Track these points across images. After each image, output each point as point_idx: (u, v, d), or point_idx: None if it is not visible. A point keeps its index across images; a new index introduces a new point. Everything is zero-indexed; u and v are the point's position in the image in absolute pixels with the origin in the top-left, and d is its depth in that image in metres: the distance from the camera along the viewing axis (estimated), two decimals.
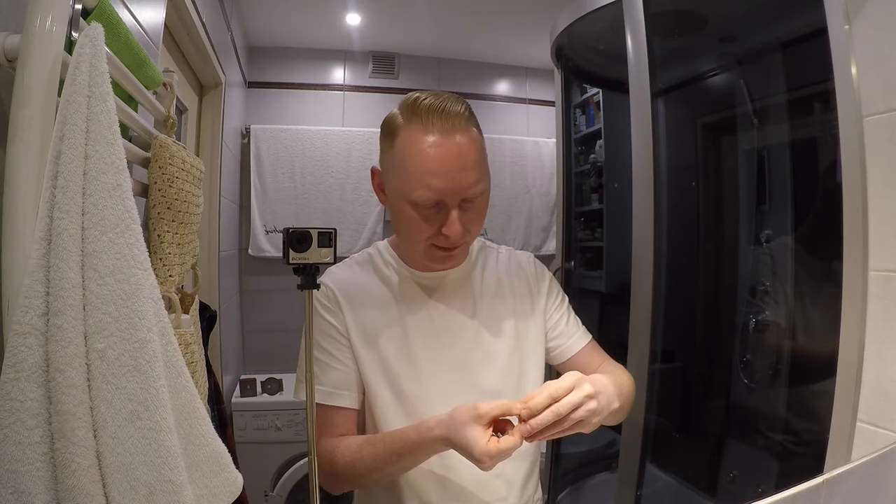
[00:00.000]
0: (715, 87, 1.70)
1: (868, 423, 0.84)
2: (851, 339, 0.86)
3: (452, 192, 0.74)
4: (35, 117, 0.48)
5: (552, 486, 1.97)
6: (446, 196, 0.74)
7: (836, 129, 0.87)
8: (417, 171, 0.74)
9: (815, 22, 0.94)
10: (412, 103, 0.76)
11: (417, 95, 0.77)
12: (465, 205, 0.77)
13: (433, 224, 0.77)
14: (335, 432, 0.82)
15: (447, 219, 0.75)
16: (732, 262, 1.63)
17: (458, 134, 0.74)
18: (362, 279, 0.87)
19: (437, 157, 0.73)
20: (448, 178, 0.73)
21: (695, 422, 1.76)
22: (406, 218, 0.77)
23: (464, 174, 0.74)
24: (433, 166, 0.73)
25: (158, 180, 0.74)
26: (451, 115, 0.74)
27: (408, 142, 0.75)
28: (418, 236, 0.78)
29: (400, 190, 0.76)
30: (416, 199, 0.74)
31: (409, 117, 0.75)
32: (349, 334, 0.83)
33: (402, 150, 0.75)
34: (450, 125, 0.74)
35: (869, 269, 0.85)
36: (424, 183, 0.73)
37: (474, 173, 0.76)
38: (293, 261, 0.66)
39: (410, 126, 0.75)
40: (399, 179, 0.76)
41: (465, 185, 0.75)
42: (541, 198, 2.63)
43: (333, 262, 0.69)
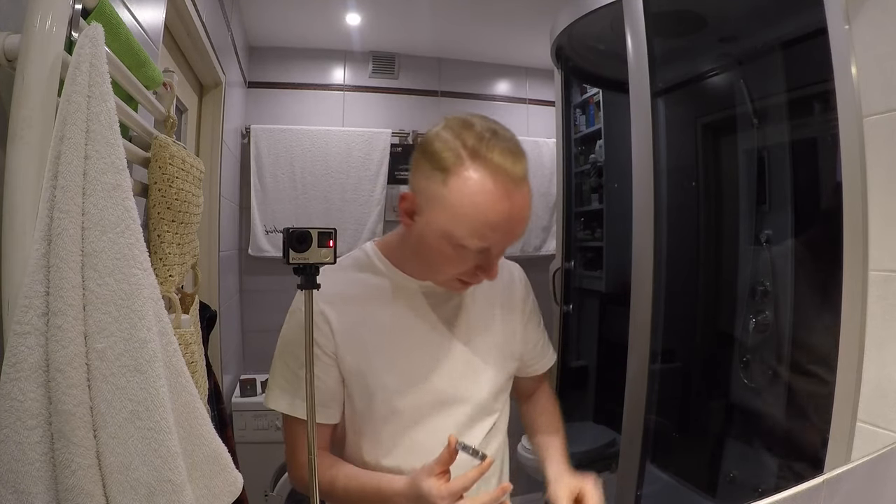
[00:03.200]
0: (715, 87, 1.70)
1: (868, 423, 0.84)
2: (851, 339, 0.86)
3: (504, 244, 0.74)
4: (35, 117, 0.48)
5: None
6: (497, 246, 0.73)
7: (836, 129, 0.87)
8: (477, 221, 0.69)
9: (815, 22, 0.94)
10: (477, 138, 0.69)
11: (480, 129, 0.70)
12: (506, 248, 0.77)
13: (469, 264, 0.75)
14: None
15: (487, 264, 0.74)
16: (732, 262, 1.63)
17: (522, 184, 0.71)
18: (351, 289, 0.83)
19: (505, 211, 0.69)
20: (506, 233, 0.71)
21: (695, 422, 1.76)
22: (443, 255, 0.74)
23: (520, 227, 0.73)
24: (495, 222, 0.69)
25: (158, 180, 0.74)
26: (520, 159, 0.71)
27: (473, 187, 0.68)
28: (449, 272, 0.76)
29: (447, 229, 0.71)
30: (465, 244, 0.71)
31: (474, 154, 0.69)
32: (337, 352, 0.81)
33: (463, 192, 0.69)
34: (518, 175, 0.70)
35: (869, 269, 0.85)
36: (480, 233, 0.70)
37: (528, 221, 0.74)
38: (293, 261, 0.66)
39: (476, 170, 0.69)
40: (449, 219, 0.70)
41: (519, 235, 0.74)
42: (541, 198, 2.63)
43: (333, 262, 0.69)
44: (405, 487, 0.73)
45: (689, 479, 1.63)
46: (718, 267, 1.71)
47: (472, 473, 0.70)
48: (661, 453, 1.64)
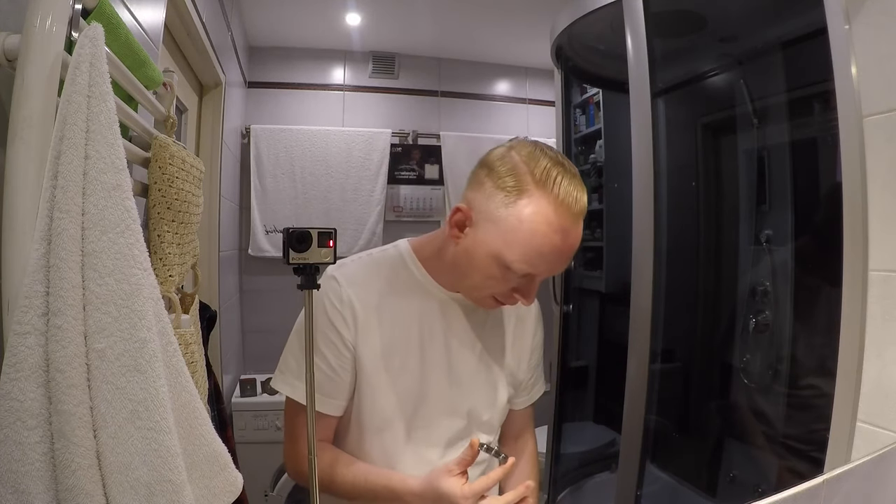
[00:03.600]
0: (715, 87, 1.70)
1: (868, 423, 0.84)
2: (851, 339, 0.86)
3: (551, 273, 0.76)
4: (35, 117, 0.48)
5: (552, 486, 1.97)
6: (543, 274, 0.75)
7: (836, 129, 0.87)
8: (531, 248, 0.71)
9: (815, 22, 0.94)
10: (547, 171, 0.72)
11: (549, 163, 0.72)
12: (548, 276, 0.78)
13: (509, 285, 0.76)
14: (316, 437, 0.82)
15: (528, 289, 0.76)
16: (732, 262, 1.63)
17: (577, 226, 0.73)
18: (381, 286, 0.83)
19: (556, 246, 0.71)
20: (553, 266, 0.74)
21: (695, 422, 1.76)
22: (485, 273, 0.75)
23: (567, 261, 0.75)
24: (548, 252, 0.71)
25: (158, 180, 0.74)
26: (581, 205, 0.73)
27: (534, 214, 0.71)
28: (488, 290, 0.77)
29: (498, 250, 0.72)
30: (514, 268, 0.72)
31: (541, 185, 0.71)
32: (357, 346, 0.80)
33: (524, 218, 0.71)
34: (577, 216, 0.72)
35: (869, 269, 0.85)
36: (531, 261, 0.72)
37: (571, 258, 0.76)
38: (293, 261, 0.66)
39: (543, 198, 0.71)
40: (503, 240, 0.72)
41: (563, 268, 0.78)
42: None
43: (333, 262, 0.69)
44: (421, 487, 0.73)
45: (689, 479, 1.63)
46: (718, 267, 1.71)
47: (494, 474, 0.72)
48: (661, 453, 1.64)
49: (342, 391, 0.82)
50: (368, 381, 0.81)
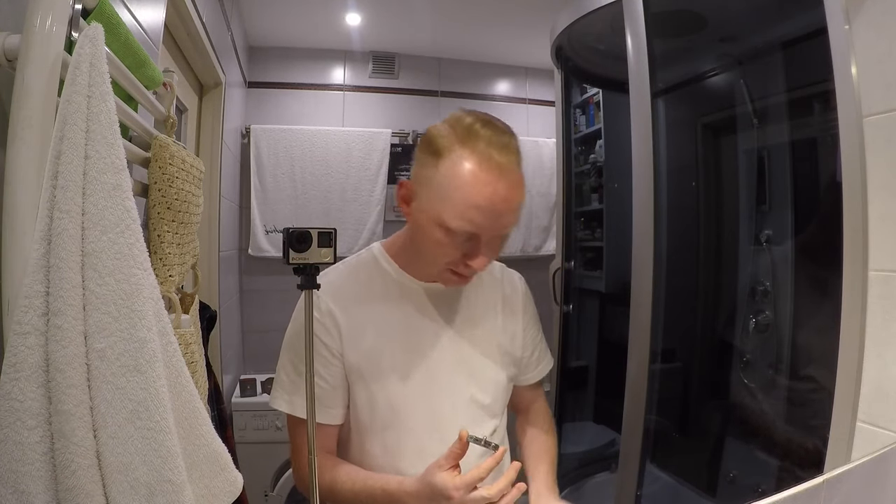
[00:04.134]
0: (715, 87, 1.70)
1: (868, 423, 0.84)
2: (851, 339, 0.86)
3: (491, 230, 0.74)
4: (35, 117, 0.48)
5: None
6: (483, 232, 0.74)
7: (836, 129, 0.87)
8: (463, 202, 0.72)
9: (815, 22, 0.94)
10: (468, 128, 0.73)
11: (473, 120, 0.74)
12: (494, 239, 0.77)
13: (458, 252, 0.76)
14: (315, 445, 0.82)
15: (476, 252, 0.75)
16: (732, 262, 1.63)
17: (511, 175, 0.73)
18: (358, 289, 0.85)
19: (488, 195, 0.71)
20: (492, 218, 0.73)
21: (695, 422, 1.76)
22: (433, 240, 0.76)
23: (507, 215, 0.74)
24: (481, 203, 0.71)
25: (158, 180, 0.74)
26: (508, 152, 0.73)
27: (458, 169, 0.72)
28: (440, 259, 0.77)
29: (436, 212, 0.74)
30: (453, 227, 0.73)
31: (463, 142, 0.73)
32: (343, 353, 0.81)
33: (450, 174, 0.73)
34: (505, 163, 0.72)
35: (869, 269, 0.85)
36: (467, 216, 0.72)
37: (516, 214, 0.75)
38: (293, 261, 0.66)
39: (464, 152, 0.72)
40: (439, 202, 0.74)
41: (505, 224, 0.75)
42: (541, 198, 2.63)
43: (333, 262, 0.69)
44: (416, 486, 0.73)
45: (689, 479, 1.63)
46: (718, 267, 1.71)
47: (486, 464, 0.71)
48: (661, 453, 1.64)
49: (337, 399, 0.82)
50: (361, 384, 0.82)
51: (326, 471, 0.80)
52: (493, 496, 0.70)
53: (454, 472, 0.72)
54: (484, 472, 0.70)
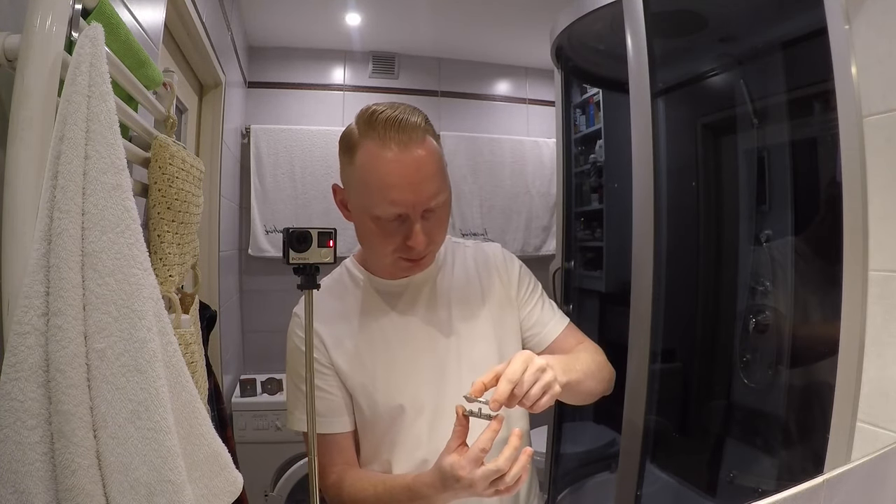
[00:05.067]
0: (715, 87, 1.70)
1: (868, 423, 0.84)
2: (851, 339, 0.86)
3: (414, 204, 0.74)
4: (35, 117, 0.48)
5: (552, 486, 1.97)
6: (408, 209, 0.75)
7: (836, 129, 0.87)
8: (378, 186, 0.74)
9: (815, 22, 0.94)
10: (368, 117, 0.75)
11: (374, 109, 0.76)
12: (427, 215, 0.77)
13: (397, 236, 0.77)
14: (335, 460, 0.83)
15: (411, 231, 0.76)
16: (732, 262, 1.63)
17: (415, 146, 0.74)
18: (334, 302, 0.86)
19: (397, 171, 0.73)
20: (409, 192, 0.74)
21: (695, 422, 1.75)
22: (370, 233, 0.78)
23: (424, 186, 0.74)
24: (394, 181, 0.73)
25: (158, 180, 0.74)
26: (408, 127, 0.74)
27: (367, 157, 0.74)
28: (384, 249, 0.78)
29: (362, 205, 0.76)
30: (379, 213, 0.75)
31: (365, 132, 0.75)
32: (333, 361, 0.83)
33: (361, 165, 0.75)
34: (407, 137, 0.73)
35: (869, 269, 0.85)
36: (386, 198, 0.73)
37: (434, 184, 0.76)
38: (293, 261, 0.66)
39: (368, 141, 0.74)
40: (361, 195, 0.76)
41: (427, 196, 0.75)
42: (541, 198, 2.63)
43: (333, 262, 0.69)
44: (431, 476, 0.72)
45: (689, 479, 1.63)
46: (718, 267, 1.71)
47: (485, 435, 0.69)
48: (661, 453, 1.64)
49: (341, 407, 0.83)
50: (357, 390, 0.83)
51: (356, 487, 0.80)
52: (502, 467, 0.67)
53: (462, 451, 0.70)
54: (485, 442, 0.68)
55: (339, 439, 0.83)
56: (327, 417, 0.82)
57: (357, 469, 0.84)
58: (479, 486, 0.67)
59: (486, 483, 0.67)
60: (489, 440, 0.69)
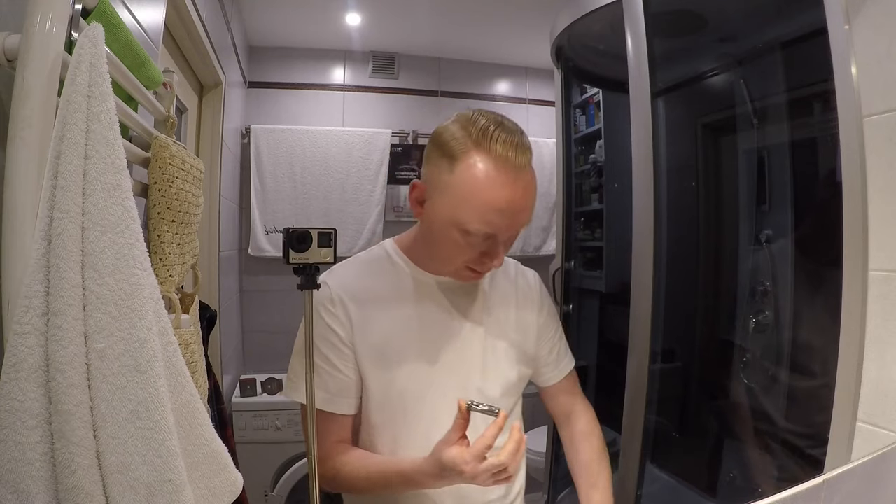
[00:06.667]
0: (715, 87, 1.70)
1: (868, 423, 0.84)
2: (851, 339, 0.86)
3: (510, 230, 0.75)
4: (35, 117, 0.48)
5: (552, 485, 1.96)
6: (501, 232, 0.75)
7: (836, 129, 0.87)
8: (481, 206, 0.72)
9: (815, 22, 0.94)
10: (483, 130, 0.73)
11: (486, 122, 0.74)
12: (511, 238, 0.78)
13: (476, 251, 0.77)
14: (331, 438, 0.82)
15: (494, 250, 0.76)
16: (732, 262, 1.63)
17: (526, 174, 0.74)
18: (369, 282, 0.85)
19: (506, 197, 0.72)
20: (510, 218, 0.74)
21: (695, 422, 1.75)
22: (450, 242, 0.77)
23: (524, 214, 0.75)
24: (500, 205, 0.72)
25: (158, 180, 0.74)
26: (522, 150, 0.74)
27: (475, 172, 0.72)
28: (457, 259, 0.78)
29: (453, 215, 0.74)
30: (472, 230, 0.74)
31: (478, 143, 0.73)
32: (354, 342, 0.82)
33: (466, 177, 0.73)
34: (521, 164, 0.73)
35: (869, 269, 0.85)
36: (486, 219, 0.73)
37: (531, 213, 0.76)
38: (293, 261, 0.66)
39: (480, 155, 0.72)
40: (455, 205, 0.74)
41: (522, 223, 0.76)
42: (541, 198, 2.60)
43: (334, 262, 0.69)
44: (428, 464, 0.73)
45: (689, 479, 1.63)
46: (718, 267, 1.71)
47: (489, 431, 0.69)
48: (661, 453, 1.64)
49: (350, 389, 0.83)
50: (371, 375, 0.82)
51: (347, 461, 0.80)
52: (504, 462, 0.68)
53: (463, 444, 0.71)
54: (490, 439, 0.69)
55: (339, 419, 0.83)
56: (335, 396, 0.82)
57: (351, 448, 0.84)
58: (481, 479, 0.69)
59: (489, 475, 0.68)
60: (494, 437, 0.69)
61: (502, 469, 0.69)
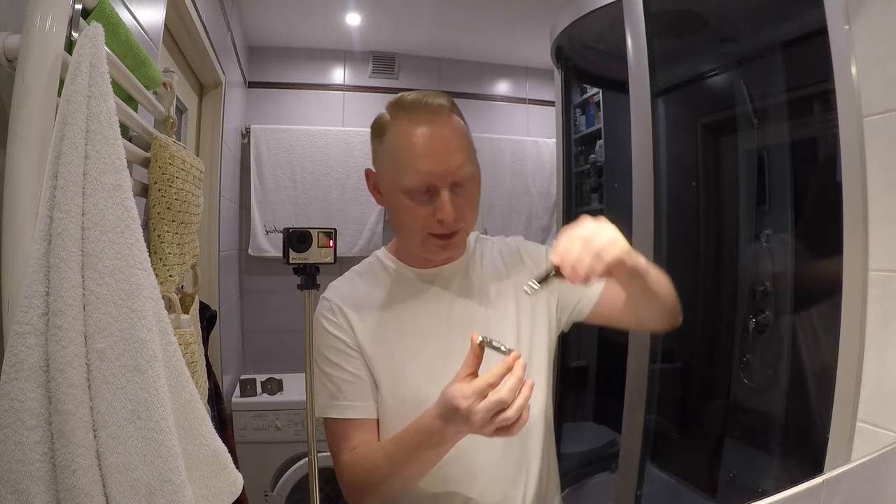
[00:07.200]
0: (715, 87, 1.70)
1: (868, 423, 0.84)
2: (851, 339, 0.86)
3: (441, 174, 0.76)
4: (35, 117, 0.48)
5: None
6: (436, 179, 0.76)
7: (836, 129, 0.87)
8: (406, 158, 0.77)
9: (815, 22, 0.94)
10: (397, 101, 0.80)
11: (402, 94, 0.81)
12: (457, 189, 0.78)
13: (427, 210, 0.78)
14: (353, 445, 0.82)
15: (440, 203, 0.77)
16: (732, 262, 1.63)
17: (441, 121, 0.78)
18: (364, 288, 0.87)
19: (424, 142, 0.76)
20: (435, 161, 0.76)
21: (695, 422, 1.76)
22: (401, 208, 0.79)
23: (450, 157, 0.77)
24: (421, 151, 0.76)
25: (158, 180, 0.74)
26: (434, 105, 0.78)
27: (396, 134, 0.78)
28: (414, 226, 0.80)
29: (392, 181, 0.79)
30: (408, 185, 0.77)
31: (395, 113, 0.79)
32: (360, 345, 0.83)
33: (391, 143, 0.79)
34: (434, 113, 0.78)
35: (869, 269, 0.85)
36: (413, 167, 0.76)
37: (460, 156, 0.78)
38: (293, 261, 0.66)
39: (397, 121, 0.79)
40: (391, 171, 0.79)
41: (453, 166, 0.77)
42: (541, 198, 2.63)
43: (333, 262, 0.70)
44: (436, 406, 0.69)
45: (689, 479, 1.63)
46: (718, 267, 1.71)
47: (496, 369, 0.65)
48: (661, 453, 1.64)
49: (367, 392, 0.83)
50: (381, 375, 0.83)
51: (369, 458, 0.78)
52: (504, 398, 0.64)
53: (468, 380, 0.67)
54: (494, 377, 0.65)
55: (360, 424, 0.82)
56: (352, 402, 0.82)
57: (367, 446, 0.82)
58: (478, 420, 0.64)
59: (487, 417, 0.64)
60: (500, 375, 0.65)
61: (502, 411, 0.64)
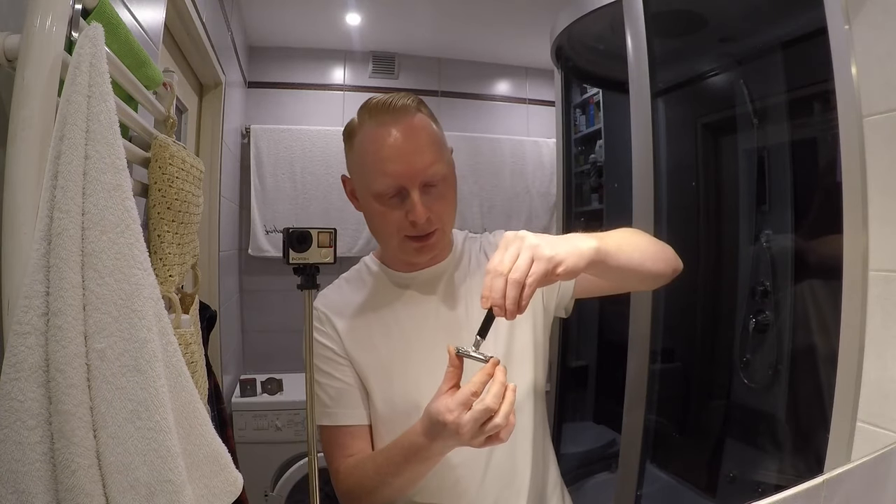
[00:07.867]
0: (715, 87, 1.70)
1: (868, 423, 0.84)
2: (851, 340, 0.86)
3: (409, 175, 0.76)
4: (35, 117, 0.48)
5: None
6: (404, 180, 0.76)
7: (836, 129, 0.87)
8: (374, 161, 0.77)
9: (815, 22, 0.94)
10: (364, 105, 0.80)
11: (369, 98, 0.81)
12: (428, 189, 0.78)
13: (399, 213, 0.78)
14: (347, 453, 0.82)
15: (410, 205, 0.76)
16: (732, 262, 1.63)
17: (407, 121, 0.77)
18: (352, 295, 0.88)
19: (389, 143, 0.76)
20: (402, 162, 0.76)
21: (695, 422, 1.76)
22: (374, 213, 0.79)
23: (418, 156, 0.76)
24: (387, 153, 0.76)
25: (158, 180, 0.74)
26: (399, 106, 0.78)
27: (363, 138, 0.79)
28: (389, 229, 0.79)
29: (364, 186, 0.79)
30: (378, 188, 0.77)
31: (362, 117, 0.80)
32: (348, 353, 0.83)
33: (359, 148, 0.79)
34: (399, 114, 0.77)
35: (869, 269, 0.85)
36: (381, 170, 0.76)
37: (428, 155, 0.77)
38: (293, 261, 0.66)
39: (363, 125, 0.79)
40: (361, 176, 0.80)
41: (421, 166, 0.76)
42: (541, 198, 2.63)
43: (333, 262, 0.70)
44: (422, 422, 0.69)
45: (689, 479, 1.63)
46: (718, 267, 1.71)
47: (476, 377, 0.65)
48: (661, 453, 1.64)
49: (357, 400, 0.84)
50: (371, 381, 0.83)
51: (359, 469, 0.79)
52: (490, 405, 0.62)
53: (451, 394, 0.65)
54: (476, 385, 0.64)
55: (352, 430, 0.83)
56: (343, 409, 0.82)
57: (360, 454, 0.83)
58: (467, 432, 0.62)
59: (476, 427, 0.62)
60: (481, 383, 0.64)
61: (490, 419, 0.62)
